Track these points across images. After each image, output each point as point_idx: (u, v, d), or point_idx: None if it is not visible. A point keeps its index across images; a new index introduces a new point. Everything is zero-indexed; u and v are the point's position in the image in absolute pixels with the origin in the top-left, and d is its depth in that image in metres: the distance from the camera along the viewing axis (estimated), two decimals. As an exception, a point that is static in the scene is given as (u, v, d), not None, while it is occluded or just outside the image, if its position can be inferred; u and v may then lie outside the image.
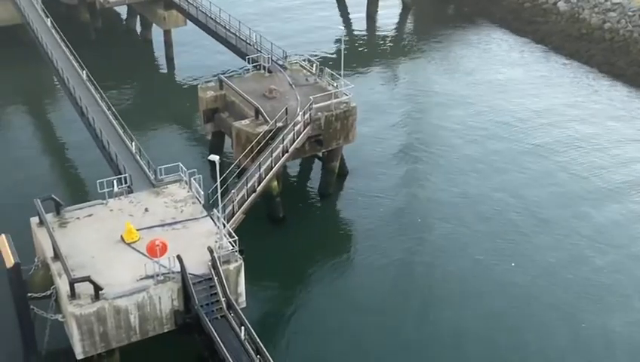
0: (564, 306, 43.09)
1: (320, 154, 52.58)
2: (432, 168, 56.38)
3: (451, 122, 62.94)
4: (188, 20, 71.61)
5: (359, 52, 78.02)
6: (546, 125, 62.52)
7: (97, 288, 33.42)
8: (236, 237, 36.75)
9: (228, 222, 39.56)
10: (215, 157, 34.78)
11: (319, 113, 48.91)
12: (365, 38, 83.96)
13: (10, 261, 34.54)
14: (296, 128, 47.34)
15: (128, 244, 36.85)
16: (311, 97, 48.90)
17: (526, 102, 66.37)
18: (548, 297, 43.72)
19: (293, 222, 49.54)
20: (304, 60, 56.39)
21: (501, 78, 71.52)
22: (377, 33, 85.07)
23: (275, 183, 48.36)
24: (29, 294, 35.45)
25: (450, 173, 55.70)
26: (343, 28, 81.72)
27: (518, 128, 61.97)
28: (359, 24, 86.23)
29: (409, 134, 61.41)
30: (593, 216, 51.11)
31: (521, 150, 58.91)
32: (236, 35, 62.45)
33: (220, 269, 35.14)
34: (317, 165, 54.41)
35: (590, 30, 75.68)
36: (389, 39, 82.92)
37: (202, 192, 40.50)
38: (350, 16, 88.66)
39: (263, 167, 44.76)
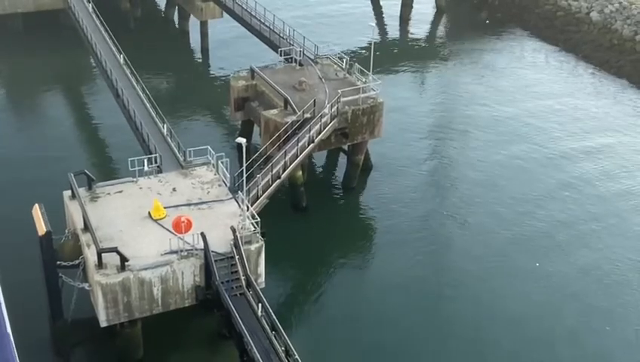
0: (601, 309, 43.70)
1: (345, 148, 53.64)
2: (457, 168, 57.06)
3: (478, 124, 63.55)
4: (224, 12, 73.16)
5: (391, 52, 78.91)
6: (574, 132, 63.01)
7: (123, 259, 34.77)
8: (258, 219, 37.98)
9: (252, 205, 40.74)
10: (242, 140, 35.91)
11: (346, 107, 49.87)
12: (398, 38, 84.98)
13: (42, 229, 35.81)
14: (323, 120, 48.39)
15: (155, 221, 38.19)
16: (339, 91, 49.96)
17: (552, 109, 66.77)
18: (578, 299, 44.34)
19: (316, 212, 50.60)
20: (335, 56, 57.48)
21: (529, 84, 71.95)
22: (410, 35, 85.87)
23: (300, 173, 49.53)
24: (58, 262, 36.70)
25: (476, 173, 56.33)
26: (376, 27, 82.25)
27: (544, 133, 62.42)
28: (392, 25, 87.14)
29: (435, 133, 62.16)
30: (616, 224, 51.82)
31: (546, 154, 59.35)
32: (270, 28, 63.66)
33: (242, 249, 36.25)
34: (342, 159, 55.36)
35: (621, 41, 75.83)
36: (421, 41, 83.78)
37: (228, 176, 41.76)
38: (384, 17, 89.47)
39: (289, 155, 45.90)
